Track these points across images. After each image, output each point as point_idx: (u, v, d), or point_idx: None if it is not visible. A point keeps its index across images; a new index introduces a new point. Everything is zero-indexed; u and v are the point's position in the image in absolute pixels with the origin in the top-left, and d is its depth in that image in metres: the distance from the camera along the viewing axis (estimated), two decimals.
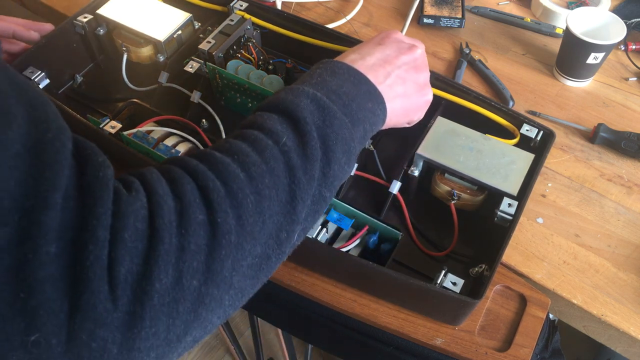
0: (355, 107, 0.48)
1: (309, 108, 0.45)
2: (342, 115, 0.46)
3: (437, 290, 0.55)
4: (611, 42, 0.77)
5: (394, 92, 0.54)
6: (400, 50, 0.56)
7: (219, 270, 0.36)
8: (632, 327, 0.60)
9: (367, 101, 0.50)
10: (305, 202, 0.42)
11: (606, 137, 0.75)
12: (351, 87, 0.49)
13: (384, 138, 0.75)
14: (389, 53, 0.55)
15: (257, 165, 0.40)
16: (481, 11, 0.95)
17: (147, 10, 0.79)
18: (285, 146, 0.42)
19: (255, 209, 0.39)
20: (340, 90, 0.48)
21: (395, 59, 0.55)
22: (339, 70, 0.51)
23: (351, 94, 0.49)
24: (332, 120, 0.45)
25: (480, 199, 0.64)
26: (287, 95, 0.46)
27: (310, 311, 0.65)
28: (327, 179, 0.44)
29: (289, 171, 0.42)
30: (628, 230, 0.68)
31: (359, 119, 0.48)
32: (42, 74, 0.73)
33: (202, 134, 0.70)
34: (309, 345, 1.40)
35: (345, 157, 0.46)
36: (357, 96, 0.49)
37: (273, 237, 0.41)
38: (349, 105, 0.48)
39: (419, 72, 0.57)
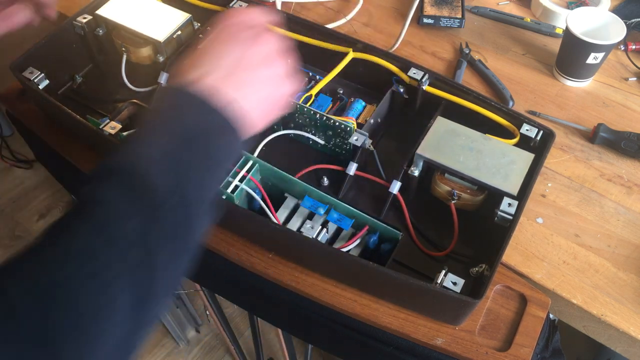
0: (206, 177, 0.42)
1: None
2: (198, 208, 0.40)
3: (438, 290, 0.55)
4: (611, 42, 0.77)
5: (249, 101, 0.45)
6: (246, 46, 0.46)
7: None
8: (632, 327, 0.60)
9: (219, 139, 0.43)
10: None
11: (606, 137, 0.75)
12: (201, 137, 0.41)
13: (384, 138, 0.75)
14: (235, 55, 0.46)
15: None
16: (481, 11, 0.95)
17: (147, 10, 0.79)
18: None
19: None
20: (191, 159, 0.41)
21: (243, 61, 0.46)
22: (185, 110, 0.42)
23: (200, 156, 0.41)
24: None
25: (480, 199, 0.64)
26: (138, 162, 0.39)
27: (310, 311, 0.65)
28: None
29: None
30: (628, 230, 0.68)
31: (209, 186, 0.42)
32: (42, 75, 0.73)
33: None
34: (309, 345, 1.40)
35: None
36: (208, 147, 0.42)
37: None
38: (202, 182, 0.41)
39: (270, 65, 0.48)
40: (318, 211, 0.63)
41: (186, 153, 0.40)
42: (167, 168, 0.39)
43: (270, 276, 0.64)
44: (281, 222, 0.64)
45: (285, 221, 0.64)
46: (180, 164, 0.40)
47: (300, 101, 0.70)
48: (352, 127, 0.67)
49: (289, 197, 0.66)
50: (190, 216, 0.40)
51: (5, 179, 1.92)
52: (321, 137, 0.72)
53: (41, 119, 0.79)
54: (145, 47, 0.78)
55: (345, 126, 0.67)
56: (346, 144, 0.70)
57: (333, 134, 0.70)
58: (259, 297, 0.72)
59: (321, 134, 0.71)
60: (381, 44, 0.89)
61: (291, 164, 0.72)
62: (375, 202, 0.68)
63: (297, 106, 0.69)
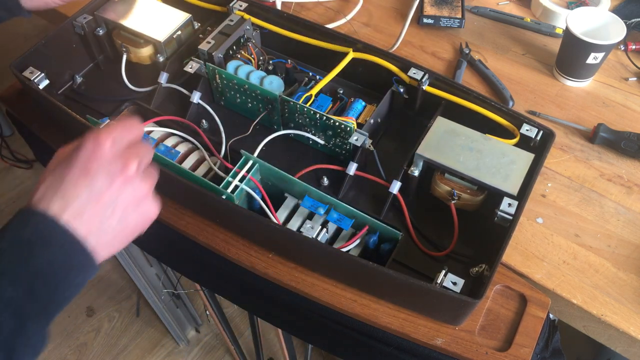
0: (54, 297, 0.41)
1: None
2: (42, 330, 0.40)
3: (438, 290, 0.55)
4: (611, 42, 0.77)
5: (107, 234, 0.44)
6: (112, 177, 0.44)
7: None
8: (632, 327, 0.60)
9: (73, 274, 0.42)
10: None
11: (606, 137, 0.75)
12: (54, 275, 0.41)
13: (384, 138, 0.75)
14: (99, 186, 0.43)
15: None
16: (481, 11, 0.95)
17: (147, 10, 0.79)
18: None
19: None
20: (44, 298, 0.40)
21: (108, 193, 0.43)
22: (38, 246, 0.41)
23: (52, 289, 0.41)
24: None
25: (480, 199, 0.64)
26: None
27: (310, 311, 0.65)
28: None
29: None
30: (628, 230, 0.68)
31: (56, 309, 0.42)
32: (42, 74, 0.73)
33: (202, 134, 0.70)
34: (309, 345, 1.40)
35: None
36: (61, 282, 0.41)
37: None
38: (49, 311, 0.41)
39: (138, 202, 0.46)
40: (318, 211, 0.63)
41: (32, 296, 0.40)
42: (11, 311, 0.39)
43: (270, 276, 0.64)
44: (281, 222, 0.64)
45: (285, 221, 0.64)
46: (24, 307, 0.39)
47: (300, 101, 0.70)
48: (352, 127, 0.67)
49: (289, 197, 0.66)
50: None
51: (5, 179, 1.92)
52: (321, 137, 0.72)
53: (41, 119, 0.79)
54: (145, 47, 0.78)
55: (345, 126, 0.67)
56: (346, 144, 0.70)
57: (333, 134, 0.70)
58: (259, 297, 0.72)
59: (321, 134, 0.71)
60: (381, 44, 0.89)
61: (291, 164, 0.72)
62: (375, 202, 0.68)
63: (298, 106, 0.69)
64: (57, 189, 0.42)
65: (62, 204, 0.42)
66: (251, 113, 0.75)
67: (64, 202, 0.42)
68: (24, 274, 0.39)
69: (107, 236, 0.44)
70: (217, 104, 0.79)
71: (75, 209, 0.42)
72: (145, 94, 0.78)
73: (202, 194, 0.62)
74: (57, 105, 0.69)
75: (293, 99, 0.70)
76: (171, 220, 0.68)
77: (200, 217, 0.68)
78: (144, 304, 1.64)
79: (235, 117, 0.77)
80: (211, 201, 0.63)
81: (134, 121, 0.48)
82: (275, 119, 0.73)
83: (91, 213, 0.43)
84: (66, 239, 0.41)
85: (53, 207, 0.42)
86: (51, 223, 0.41)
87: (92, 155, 0.44)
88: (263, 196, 0.64)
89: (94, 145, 0.44)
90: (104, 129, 0.45)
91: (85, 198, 0.43)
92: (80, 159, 0.43)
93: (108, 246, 0.44)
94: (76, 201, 0.42)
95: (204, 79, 0.75)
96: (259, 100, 0.73)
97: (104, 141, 0.44)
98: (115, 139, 0.45)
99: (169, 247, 0.78)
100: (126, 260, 1.28)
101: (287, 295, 0.65)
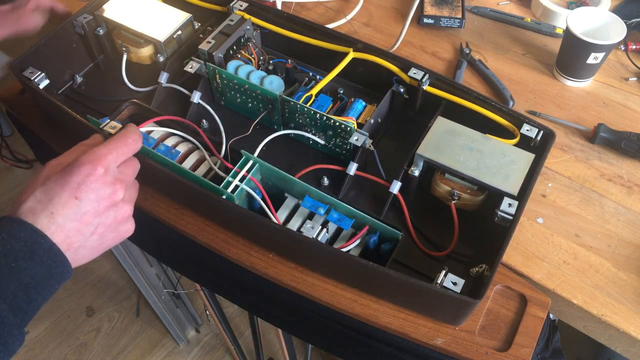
0: (33, 306, 0.44)
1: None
2: (16, 330, 0.43)
3: (438, 291, 0.55)
4: (611, 42, 0.77)
5: (86, 249, 0.48)
6: (99, 202, 0.47)
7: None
8: (632, 327, 0.60)
9: (52, 283, 0.45)
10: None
11: (606, 137, 0.75)
12: (39, 282, 0.44)
13: (384, 138, 0.75)
14: (86, 209, 0.46)
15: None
16: (481, 11, 0.95)
17: (147, 10, 0.79)
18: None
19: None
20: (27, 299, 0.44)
21: (92, 214, 0.47)
22: (30, 262, 0.44)
23: (36, 295, 0.44)
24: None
25: (480, 199, 0.64)
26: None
27: (311, 311, 0.65)
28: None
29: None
30: (628, 230, 0.68)
31: (32, 310, 0.45)
32: (42, 74, 0.73)
33: (202, 134, 0.70)
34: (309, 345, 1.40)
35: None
36: (41, 293, 0.44)
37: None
38: (27, 313, 0.44)
39: (118, 224, 0.50)
40: (318, 211, 0.63)
41: (15, 309, 0.43)
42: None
43: (270, 276, 0.64)
44: (281, 222, 0.64)
45: (285, 221, 0.64)
46: (7, 319, 0.42)
47: (300, 101, 0.70)
48: (352, 127, 0.67)
49: (289, 197, 0.66)
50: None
51: (5, 179, 1.92)
52: (321, 137, 0.72)
53: (41, 119, 0.79)
54: (146, 46, 0.78)
55: (345, 126, 0.67)
56: (346, 144, 0.70)
57: (333, 134, 0.70)
58: (259, 297, 0.72)
59: (321, 134, 0.71)
60: (381, 44, 0.89)
61: (291, 163, 0.72)
62: (375, 202, 0.68)
63: (298, 106, 0.69)
64: (46, 206, 0.45)
65: (49, 220, 0.45)
66: (251, 113, 0.75)
67: (51, 219, 0.45)
68: (9, 289, 0.42)
69: (85, 250, 0.48)
70: (217, 103, 0.79)
71: (60, 226, 0.45)
72: (146, 93, 0.78)
73: (202, 194, 0.62)
74: (57, 105, 0.69)
75: (293, 99, 0.70)
76: (171, 220, 0.68)
77: (200, 217, 0.68)
78: (144, 304, 1.64)
79: (236, 117, 0.77)
80: (211, 201, 0.63)
81: (131, 137, 0.51)
82: (276, 119, 0.73)
83: (74, 231, 0.46)
84: (49, 253, 0.45)
85: (40, 222, 0.45)
86: (37, 237, 0.44)
87: (84, 180, 0.46)
88: (263, 196, 0.64)
89: (89, 171, 0.46)
90: (102, 151, 0.48)
91: (71, 217, 0.46)
92: (72, 182, 0.46)
93: (84, 258, 0.48)
94: (62, 219, 0.45)
95: (204, 79, 0.75)
96: (259, 100, 0.73)
97: (98, 168, 0.47)
98: (110, 165, 0.48)
99: (169, 247, 0.78)
100: (126, 260, 1.28)
101: (287, 295, 0.65)
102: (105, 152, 0.48)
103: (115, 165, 0.49)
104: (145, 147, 0.66)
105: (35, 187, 0.46)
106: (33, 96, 0.78)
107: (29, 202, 0.45)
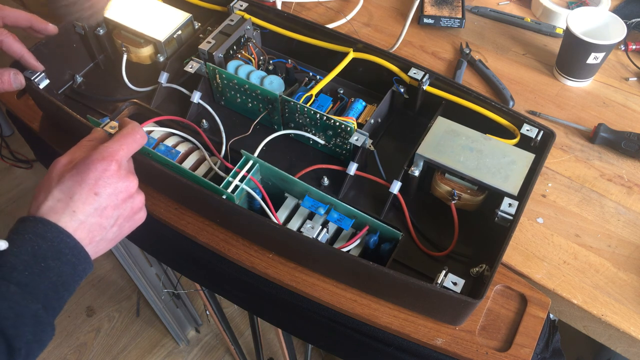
0: (61, 302, 0.46)
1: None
2: (47, 321, 0.45)
3: (438, 291, 0.55)
4: (611, 42, 0.77)
5: (105, 241, 0.50)
6: (117, 196, 0.49)
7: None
8: (632, 327, 0.60)
9: (77, 279, 0.47)
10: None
11: (606, 137, 0.75)
12: (63, 277, 0.46)
13: (384, 138, 0.75)
14: (105, 204, 0.49)
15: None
16: (481, 11, 0.95)
17: (147, 10, 0.79)
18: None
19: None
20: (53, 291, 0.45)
21: (111, 208, 0.49)
22: (53, 256, 0.45)
23: (62, 290, 0.46)
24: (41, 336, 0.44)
25: (480, 199, 0.64)
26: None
27: (311, 311, 0.65)
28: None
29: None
30: (628, 230, 0.68)
31: (59, 306, 0.47)
32: (42, 74, 0.73)
33: (202, 134, 0.70)
34: (309, 345, 1.40)
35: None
36: (67, 290, 0.46)
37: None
38: (55, 307, 0.46)
39: (134, 214, 0.52)
40: (318, 211, 0.63)
41: (47, 308, 0.45)
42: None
43: (270, 276, 0.64)
44: (281, 222, 0.64)
45: (285, 221, 0.64)
46: (41, 318, 0.44)
47: (300, 101, 0.70)
48: (352, 127, 0.67)
49: (289, 197, 0.66)
50: None
51: (5, 179, 1.92)
52: (321, 137, 0.72)
53: (41, 119, 0.79)
54: (146, 46, 0.78)
55: (345, 126, 0.67)
56: (346, 144, 0.70)
57: (333, 134, 0.70)
58: (259, 297, 0.72)
59: (321, 134, 0.71)
60: (381, 44, 0.89)
61: (291, 163, 0.72)
62: (375, 202, 0.68)
63: (298, 106, 0.69)
64: (67, 204, 0.47)
65: (71, 218, 0.47)
66: (251, 113, 0.75)
67: (74, 217, 0.47)
68: (41, 289, 0.44)
69: (104, 243, 0.50)
70: (217, 103, 0.79)
71: (82, 222, 0.47)
72: (146, 93, 0.78)
73: (203, 194, 0.62)
74: (58, 105, 0.69)
75: (293, 99, 0.70)
76: (171, 220, 0.68)
77: (200, 217, 0.68)
78: (144, 304, 1.64)
79: (236, 117, 0.77)
80: (211, 201, 0.63)
81: (139, 133, 0.53)
82: (276, 118, 0.73)
83: (95, 226, 0.48)
84: (74, 251, 0.47)
85: (63, 220, 0.46)
86: (63, 236, 0.46)
87: (101, 176, 0.48)
88: (263, 196, 0.64)
89: (105, 167, 0.49)
90: (114, 147, 0.50)
91: (92, 213, 0.48)
92: (90, 178, 0.48)
93: (103, 250, 0.51)
94: (84, 216, 0.47)
95: (205, 79, 0.75)
96: (260, 100, 0.73)
97: (113, 163, 0.49)
98: (122, 160, 0.50)
99: (169, 247, 0.78)
100: (126, 260, 1.28)
101: (287, 295, 0.65)
102: (117, 147, 0.50)
103: (126, 160, 0.52)
104: (146, 147, 0.66)
105: (51, 187, 0.47)
106: (33, 96, 0.78)
107: (49, 201, 0.47)
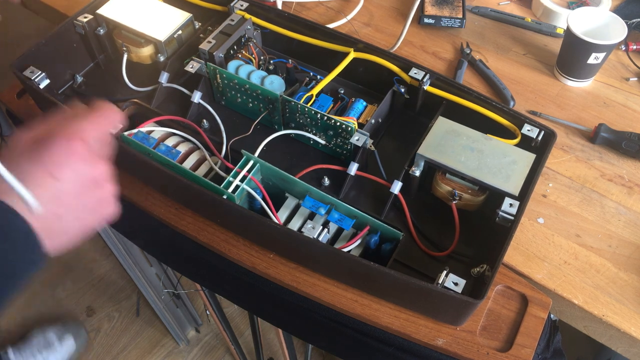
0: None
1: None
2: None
3: (439, 291, 0.55)
4: (612, 42, 0.77)
5: (64, 233, 0.43)
6: (79, 180, 0.42)
7: None
8: (633, 328, 0.60)
9: (20, 269, 0.40)
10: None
11: (607, 137, 0.75)
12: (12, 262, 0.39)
13: (385, 138, 0.75)
14: (65, 189, 0.41)
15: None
16: (482, 11, 0.95)
17: (147, 10, 0.79)
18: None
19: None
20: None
21: (72, 195, 0.41)
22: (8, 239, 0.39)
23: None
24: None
25: (481, 199, 0.64)
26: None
27: (311, 311, 0.65)
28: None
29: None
30: (629, 231, 0.68)
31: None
32: (42, 74, 0.73)
33: (202, 134, 0.70)
34: (309, 345, 1.40)
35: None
36: (9, 275, 0.39)
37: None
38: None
39: (100, 206, 0.45)
40: (319, 211, 0.62)
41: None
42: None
43: (270, 276, 0.64)
44: (282, 222, 0.64)
45: (286, 221, 0.64)
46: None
47: (301, 101, 0.70)
48: (353, 127, 0.67)
49: (289, 197, 0.66)
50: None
51: None
52: (322, 137, 0.72)
53: None
54: (146, 46, 0.78)
55: (346, 126, 0.67)
56: (347, 144, 0.70)
57: (334, 134, 0.70)
58: (260, 297, 0.72)
59: (322, 134, 0.71)
60: (382, 44, 0.89)
61: (292, 163, 0.72)
62: (376, 202, 0.68)
63: (299, 106, 0.69)
64: (38, 178, 0.40)
65: (22, 201, 0.39)
66: (252, 113, 0.75)
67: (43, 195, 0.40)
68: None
69: (61, 237, 0.43)
70: (217, 103, 0.79)
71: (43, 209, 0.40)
72: (146, 93, 0.78)
73: (203, 194, 0.62)
74: (58, 105, 0.69)
75: (294, 98, 0.70)
76: (171, 220, 0.68)
77: (200, 217, 0.68)
78: (144, 304, 1.64)
79: (236, 116, 0.77)
80: (212, 201, 0.63)
81: (111, 110, 0.46)
82: (276, 118, 0.73)
83: (50, 214, 0.41)
84: (22, 234, 0.39)
85: (12, 202, 0.39)
86: (9, 215, 0.39)
87: (62, 156, 0.41)
88: (264, 196, 0.64)
89: (66, 146, 0.41)
90: (81, 124, 0.43)
91: (49, 198, 0.40)
92: (48, 159, 0.40)
93: (59, 244, 0.43)
94: (39, 200, 0.40)
95: (205, 79, 0.75)
96: (260, 100, 0.73)
97: (77, 143, 0.41)
98: (90, 139, 0.42)
99: (169, 247, 0.78)
100: (126, 260, 1.28)
101: (288, 296, 0.65)
102: (85, 125, 0.43)
103: (96, 141, 0.43)
104: (146, 147, 0.66)
105: (8, 167, 0.39)
106: (33, 96, 0.77)
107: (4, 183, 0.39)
